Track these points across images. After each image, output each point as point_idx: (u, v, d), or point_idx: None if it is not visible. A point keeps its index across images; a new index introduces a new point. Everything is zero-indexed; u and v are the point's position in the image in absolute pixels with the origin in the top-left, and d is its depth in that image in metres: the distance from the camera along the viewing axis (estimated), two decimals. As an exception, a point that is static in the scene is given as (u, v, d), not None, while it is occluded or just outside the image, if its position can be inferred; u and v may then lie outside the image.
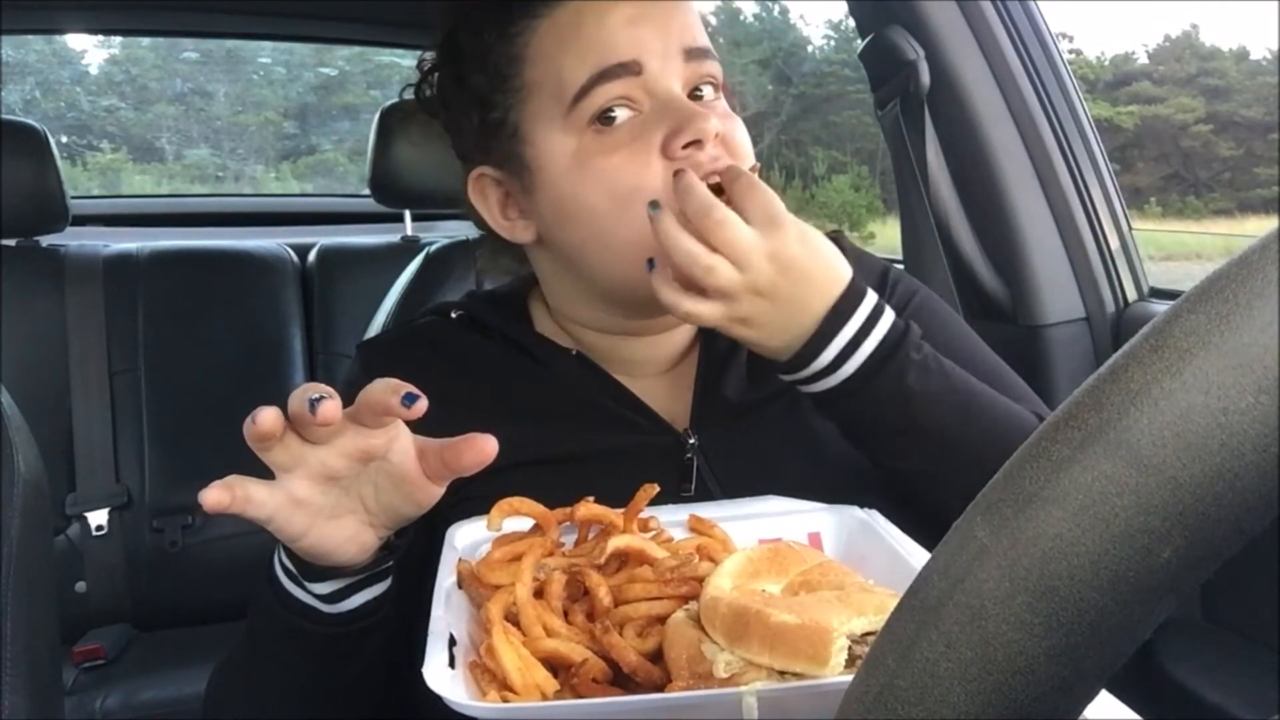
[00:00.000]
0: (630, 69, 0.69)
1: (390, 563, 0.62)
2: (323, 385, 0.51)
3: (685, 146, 0.68)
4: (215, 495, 0.51)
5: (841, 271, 0.66)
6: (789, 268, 0.63)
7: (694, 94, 0.72)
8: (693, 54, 0.71)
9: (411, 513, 0.58)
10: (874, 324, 0.66)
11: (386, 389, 0.51)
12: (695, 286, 0.63)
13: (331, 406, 0.49)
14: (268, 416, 0.50)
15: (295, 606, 0.61)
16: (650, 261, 0.67)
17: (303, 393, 0.50)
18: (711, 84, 0.73)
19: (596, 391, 0.75)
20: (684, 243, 0.62)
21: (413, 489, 0.56)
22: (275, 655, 0.65)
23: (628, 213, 0.68)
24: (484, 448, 0.53)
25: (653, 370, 0.79)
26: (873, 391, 0.66)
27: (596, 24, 0.69)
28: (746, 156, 0.72)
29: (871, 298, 0.66)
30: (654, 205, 0.64)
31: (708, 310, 0.64)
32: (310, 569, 0.59)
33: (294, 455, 0.52)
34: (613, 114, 0.69)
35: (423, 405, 0.51)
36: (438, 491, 0.57)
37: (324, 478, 0.54)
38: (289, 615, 0.61)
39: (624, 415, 0.74)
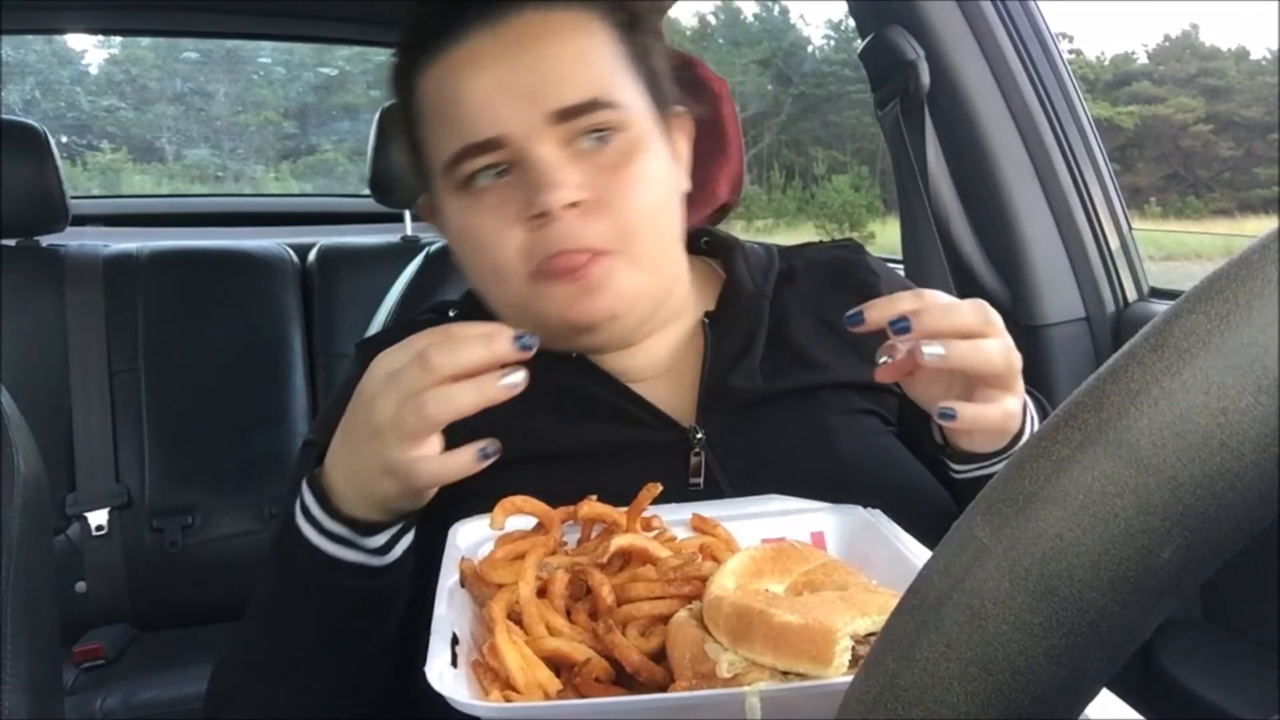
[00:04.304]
0: (493, 144, 0.68)
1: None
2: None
3: (536, 217, 0.67)
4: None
5: None
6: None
7: (574, 145, 0.68)
8: (565, 114, 0.67)
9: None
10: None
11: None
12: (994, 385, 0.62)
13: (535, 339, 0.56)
14: (521, 374, 0.56)
15: (348, 569, 0.61)
16: (944, 412, 0.62)
17: (497, 336, 0.55)
18: (599, 134, 0.68)
19: (600, 388, 0.75)
20: (986, 346, 0.60)
21: None
22: (303, 634, 0.65)
23: (496, 273, 0.70)
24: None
25: (651, 373, 0.79)
26: None
27: (457, 98, 0.68)
28: (630, 211, 0.68)
29: None
30: (946, 414, 0.60)
31: (1013, 399, 0.62)
32: (366, 525, 0.61)
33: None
34: (481, 180, 0.69)
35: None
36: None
37: None
38: (342, 580, 0.61)
39: (628, 411, 0.74)
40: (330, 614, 0.64)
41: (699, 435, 0.73)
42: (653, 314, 0.75)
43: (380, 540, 0.61)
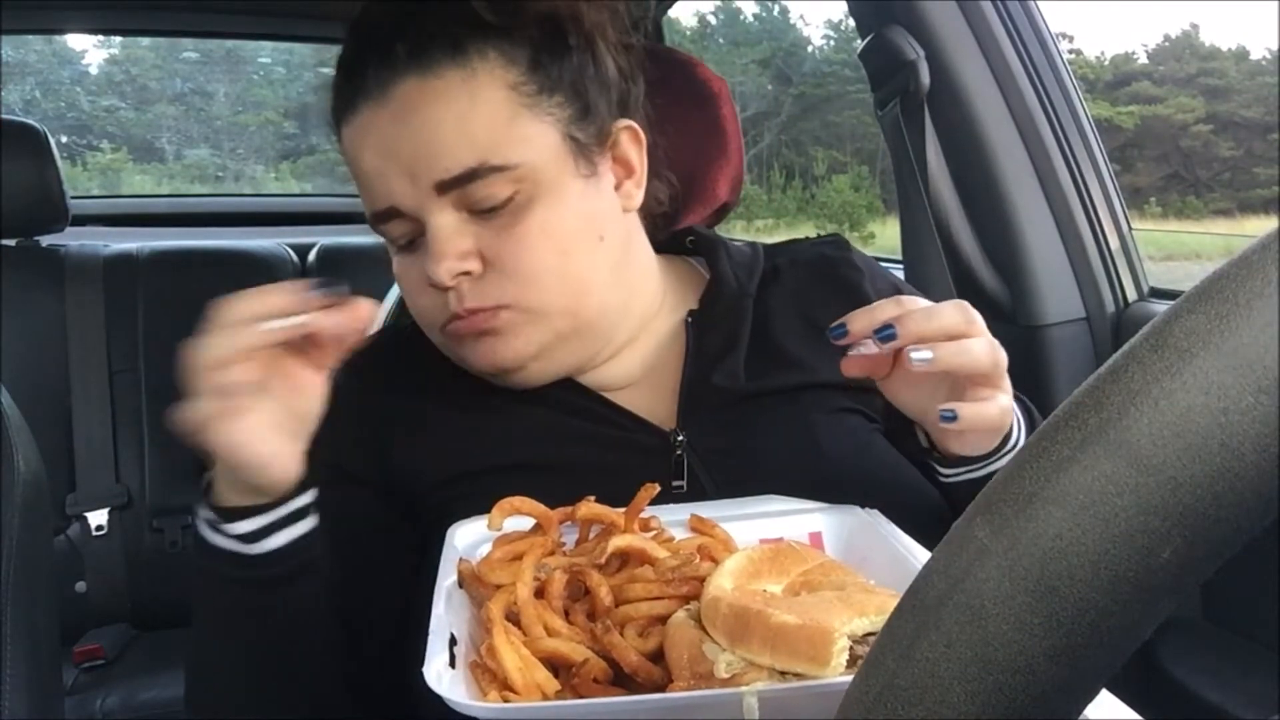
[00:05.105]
0: (392, 213, 0.69)
1: (309, 502, 0.63)
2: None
3: (433, 285, 0.68)
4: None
5: None
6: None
7: (469, 207, 0.68)
8: (447, 186, 0.66)
9: (306, 407, 0.60)
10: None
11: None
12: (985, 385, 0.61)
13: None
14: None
15: (218, 554, 0.61)
16: (945, 414, 0.61)
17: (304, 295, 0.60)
18: (486, 204, 0.67)
19: (580, 399, 0.75)
20: (971, 346, 0.59)
21: (298, 380, 0.60)
22: (218, 622, 0.65)
23: (420, 324, 0.74)
24: (356, 312, 0.59)
25: (631, 380, 0.78)
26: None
27: (358, 169, 0.70)
28: (526, 270, 0.67)
29: None
30: (947, 415, 0.60)
31: (1005, 396, 0.62)
32: (229, 510, 0.60)
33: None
34: (399, 240, 0.71)
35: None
36: (320, 380, 0.61)
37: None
38: (213, 564, 0.61)
39: (609, 418, 0.74)
40: (223, 604, 0.63)
41: (679, 438, 0.73)
42: (604, 342, 0.74)
43: (244, 527, 0.61)
